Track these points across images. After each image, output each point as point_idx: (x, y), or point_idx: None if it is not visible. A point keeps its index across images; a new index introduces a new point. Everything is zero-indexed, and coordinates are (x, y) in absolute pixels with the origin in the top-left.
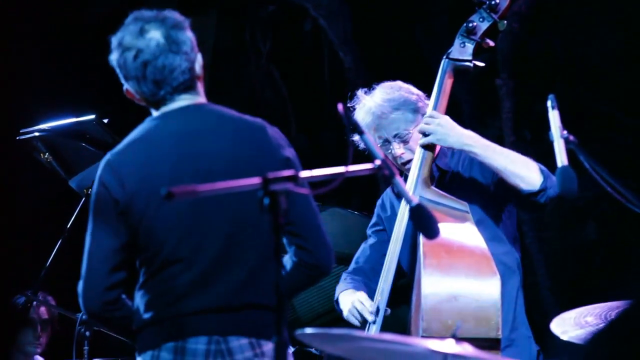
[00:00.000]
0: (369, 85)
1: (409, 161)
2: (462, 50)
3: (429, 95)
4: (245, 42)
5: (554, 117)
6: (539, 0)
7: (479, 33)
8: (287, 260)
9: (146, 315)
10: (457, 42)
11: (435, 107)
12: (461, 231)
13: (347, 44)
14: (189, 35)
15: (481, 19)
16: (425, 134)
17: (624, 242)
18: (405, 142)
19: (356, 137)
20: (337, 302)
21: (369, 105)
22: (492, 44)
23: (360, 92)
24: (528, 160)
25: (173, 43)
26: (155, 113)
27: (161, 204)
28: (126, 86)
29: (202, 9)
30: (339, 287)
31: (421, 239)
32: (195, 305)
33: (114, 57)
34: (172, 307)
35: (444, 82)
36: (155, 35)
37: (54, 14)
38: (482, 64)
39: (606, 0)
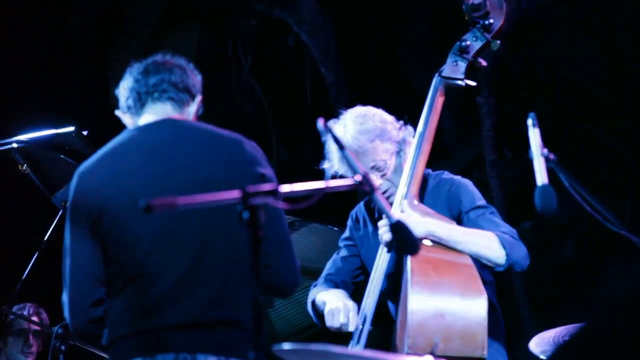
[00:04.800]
0: (350, 101)
1: (387, 190)
2: (455, 69)
3: (413, 115)
4: (227, 56)
5: (534, 135)
6: (520, 19)
7: (472, 52)
8: None
9: (114, 330)
10: (450, 60)
11: (425, 125)
12: (448, 249)
13: (329, 60)
14: (196, 78)
15: (474, 38)
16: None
17: (602, 261)
18: (382, 172)
19: (326, 165)
20: (313, 302)
21: (344, 138)
22: (484, 63)
23: (333, 122)
24: (490, 238)
25: (178, 67)
26: (131, 125)
27: (131, 217)
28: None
29: (185, 21)
30: (315, 291)
31: (409, 256)
32: (163, 321)
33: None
34: (140, 323)
35: (435, 100)
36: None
37: (35, 25)
38: (474, 84)
39: (587, 20)
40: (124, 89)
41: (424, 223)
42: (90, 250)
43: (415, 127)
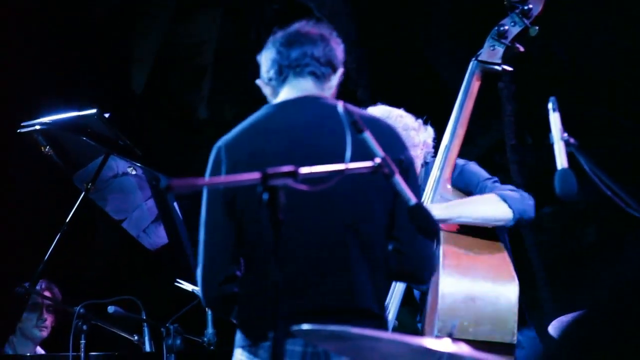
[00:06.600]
0: (370, 85)
1: None
2: (492, 53)
3: (434, 100)
4: (248, 42)
5: (554, 119)
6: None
7: (510, 37)
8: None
9: (245, 311)
10: (487, 44)
11: (460, 110)
12: (481, 233)
13: (350, 44)
14: (339, 48)
15: (513, 24)
16: None
17: (623, 246)
18: None
19: None
20: None
21: None
22: (522, 49)
23: None
24: (489, 198)
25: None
26: (273, 100)
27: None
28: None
29: (207, 7)
30: None
31: (441, 239)
32: (294, 306)
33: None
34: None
35: (471, 85)
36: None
37: (58, 7)
38: (510, 69)
39: (607, 5)
40: (266, 59)
41: None
42: (224, 227)
43: (437, 120)
